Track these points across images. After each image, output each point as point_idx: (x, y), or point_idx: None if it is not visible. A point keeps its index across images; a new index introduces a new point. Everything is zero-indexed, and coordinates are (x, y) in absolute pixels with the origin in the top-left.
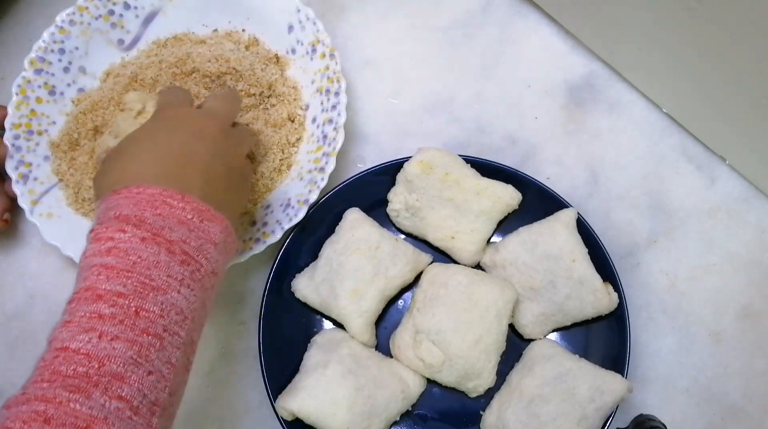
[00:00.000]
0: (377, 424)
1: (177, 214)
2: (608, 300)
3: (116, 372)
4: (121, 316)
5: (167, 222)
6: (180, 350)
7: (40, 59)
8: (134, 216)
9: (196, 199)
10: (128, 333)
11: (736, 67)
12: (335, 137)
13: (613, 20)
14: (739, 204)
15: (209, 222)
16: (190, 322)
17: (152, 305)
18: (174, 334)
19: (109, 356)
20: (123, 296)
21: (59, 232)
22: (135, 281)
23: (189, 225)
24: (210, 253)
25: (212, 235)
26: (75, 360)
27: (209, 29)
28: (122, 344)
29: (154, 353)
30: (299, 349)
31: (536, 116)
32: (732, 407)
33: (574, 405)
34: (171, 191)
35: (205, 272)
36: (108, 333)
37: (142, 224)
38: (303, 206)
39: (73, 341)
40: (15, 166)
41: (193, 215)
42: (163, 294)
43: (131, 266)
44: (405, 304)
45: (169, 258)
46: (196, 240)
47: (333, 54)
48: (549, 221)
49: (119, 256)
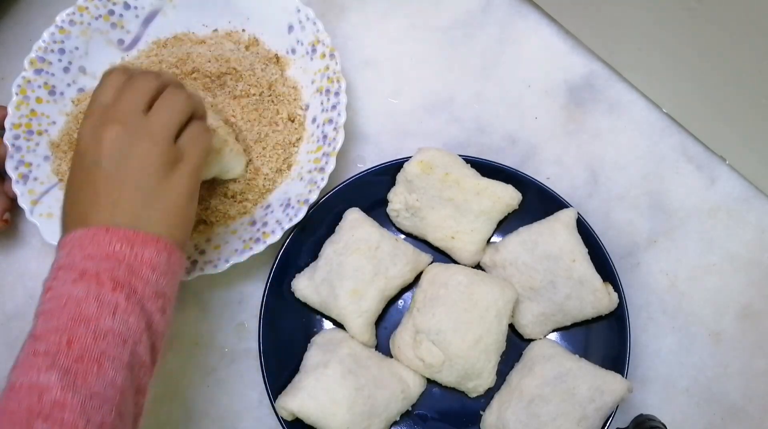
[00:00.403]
0: (377, 424)
1: (104, 248)
2: (608, 300)
3: (56, 399)
4: (53, 349)
5: (95, 259)
6: (124, 371)
7: (40, 59)
8: (66, 262)
9: (121, 228)
10: (61, 362)
11: (736, 67)
12: (335, 137)
13: (613, 20)
14: (739, 204)
15: (141, 247)
16: (133, 345)
17: (84, 333)
18: (114, 358)
19: (47, 386)
20: (54, 332)
21: (59, 232)
22: (66, 317)
23: (117, 256)
24: (145, 276)
25: (146, 258)
26: (19, 396)
27: (209, 29)
28: (57, 373)
29: (92, 377)
30: (299, 349)
31: (536, 116)
32: (732, 407)
33: (574, 405)
34: (95, 228)
35: (142, 295)
36: (43, 366)
37: (72, 267)
38: (303, 206)
39: (18, 379)
40: (15, 166)
41: (121, 244)
42: (95, 322)
43: (63, 306)
44: (405, 304)
45: (98, 289)
46: (128, 266)
47: (333, 54)
48: (549, 221)
49: (54, 300)
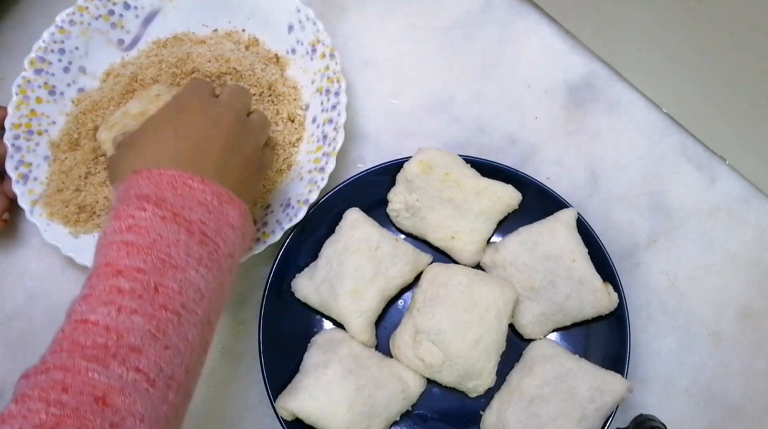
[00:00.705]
0: (377, 424)
1: (197, 195)
2: (608, 300)
3: (134, 345)
4: (140, 291)
5: (187, 202)
6: (197, 328)
7: (40, 59)
8: (155, 195)
9: (215, 183)
10: (147, 307)
11: (736, 67)
12: (335, 137)
13: (613, 20)
14: (739, 204)
15: (228, 205)
16: (208, 302)
17: (171, 282)
18: (191, 312)
19: (128, 329)
20: (143, 272)
21: (59, 232)
22: (155, 258)
23: (208, 206)
24: (228, 235)
25: (230, 218)
26: (94, 332)
27: (209, 29)
28: (141, 318)
29: (172, 329)
30: (299, 349)
31: (536, 116)
32: (732, 407)
33: (574, 405)
34: (190, 174)
35: (222, 253)
36: (127, 307)
37: (163, 203)
38: (303, 206)
39: (93, 314)
40: (15, 166)
41: (212, 197)
42: (182, 272)
43: (151, 244)
44: (405, 304)
45: (188, 238)
46: (215, 222)
47: (333, 54)
48: (549, 221)
49: (140, 233)
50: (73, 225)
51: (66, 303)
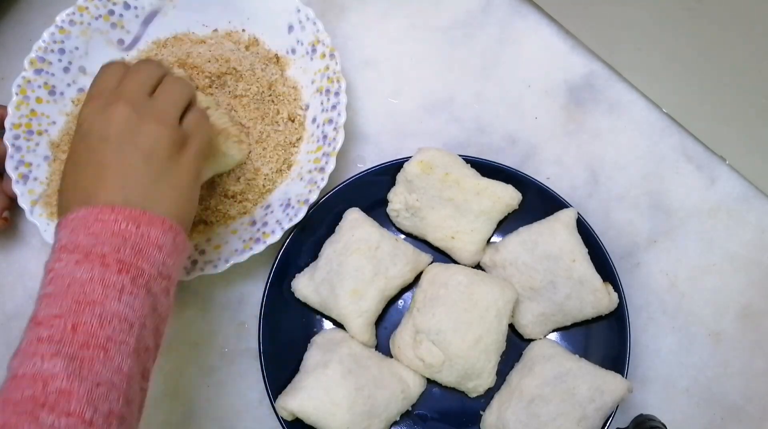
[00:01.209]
0: (377, 424)
1: (110, 226)
2: (608, 300)
3: (62, 388)
4: (57, 335)
5: (99, 238)
6: (131, 358)
7: (40, 59)
8: (69, 242)
9: (128, 207)
10: (66, 349)
11: (736, 67)
12: (335, 137)
13: (613, 20)
14: (739, 204)
15: (147, 226)
16: (138, 329)
17: (89, 318)
18: (121, 343)
19: (52, 375)
20: (58, 317)
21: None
22: (70, 301)
23: (124, 235)
24: (152, 257)
25: (152, 237)
26: (22, 385)
27: (209, 29)
28: (62, 360)
29: (99, 365)
30: (299, 349)
31: (536, 116)
32: (732, 407)
33: (574, 405)
34: (101, 207)
35: (148, 276)
36: (47, 353)
37: (76, 248)
38: (303, 206)
39: (20, 368)
40: (15, 166)
41: (127, 223)
42: (100, 306)
43: (66, 289)
44: (405, 304)
45: (103, 271)
46: (132, 246)
47: (333, 54)
48: (549, 221)
49: (57, 283)
50: None
51: None
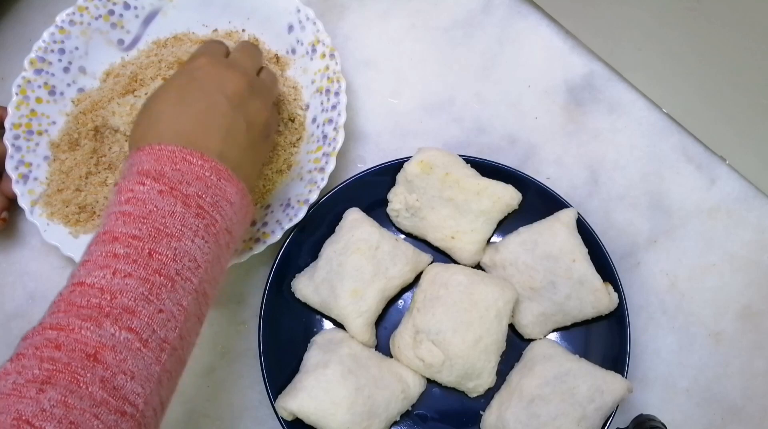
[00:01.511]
0: (377, 424)
1: (195, 170)
2: (608, 300)
3: (127, 305)
4: (134, 256)
5: (185, 177)
6: (192, 296)
7: (40, 59)
8: (154, 170)
9: (214, 158)
10: (140, 271)
11: (736, 67)
12: (335, 137)
13: (613, 20)
14: (739, 204)
15: (226, 181)
16: (203, 272)
17: (165, 249)
18: (186, 279)
19: (122, 290)
20: (138, 238)
21: (59, 232)
22: (150, 227)
23: (206, 181)
24: (225, 211)
25: (228, 194)
26: (89, 293)
27: (209, 29)
28: (134, 281)
29: (165, 293)
30: (299, 349)
31: (536, 116)
32: (732, 407)
33: (574, 405)
34: (190, 150)
35: (219, 228)
36: (121, 270)
37: (161, 178)
38: (303, 206)
39: (89, 277)
40: (15, 166)
41: (211, 173)
42: (176, 240)
43: (147, 214)
44: (405, 304)
45: (184, 210)
46: (212, 196)
47: (333, 54)
48: (549, 221)
49: (137, 205)
50: (73, 225)
51: None
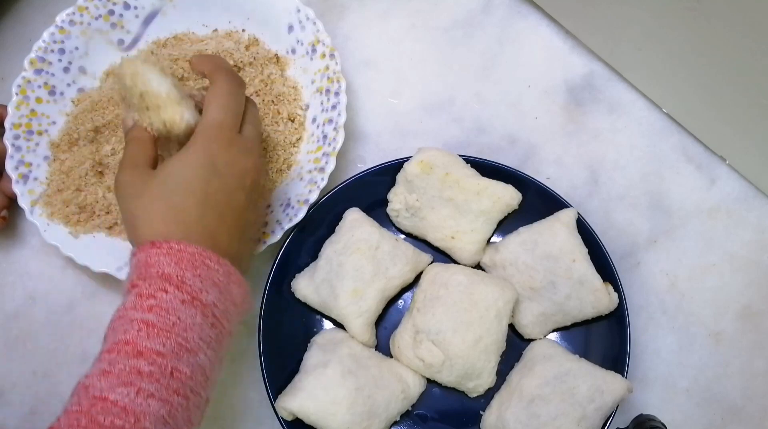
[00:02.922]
0: (377, 424)
1: (212, 276)
2: (608, 300)
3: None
4: (158, 374)
5: (204, 284)
6: (199, 409)
7: (40, 59)
8: (176, 276)
9: (227, 262)
10: (163, 392)
11: (736, 67)
12: (335, 137)
13: (613, 20)
14: (739, 204)
15: (235, 285)
16: (210, 384)
17: (185, 367)
18: (197, 395)
19: (145, 413)
20: (162, 355)
21: (59, 232)
22: (173, 342)
23: (220, 287)
24: (232, 316)
25: (236, 297)
26: (113, 412)
27: (209, 29)
28: (157, 403)
29: (181, 412)
30: (299, 349)
31: (536, 116)
32: (732, 407)
33: (574, 405)
34: (210, 252)
35: (226, 333)
36: (145, 390)
37: (183, 285)
38: (303, 206)
39: (112, 393)
40: (15, 166)
41: (225, 278)
42: (194, 356)
43: (171, 327)
44: (405, 304)
45: (202, 321)
46: (223, 303)
47: (333, 54)
48: (549, 221)
49: (160, 315)
50: (73, 225)
51: (66, 303)
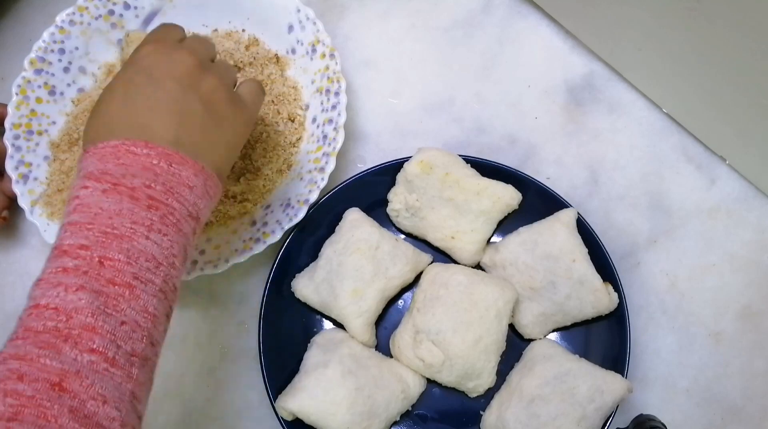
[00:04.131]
0: (377, 424)
1: (141, 160)
2: (608, 300)
3: (86, 323)
4: (84, 267)
5: (129, 170)
6: (156, 298)
7: (40, 59)
8: (97, 170)
9: (162, 145)
10: (93, 283)
11: (736, 67)
12: (335, 137)
13: (613, 20)
14: (739, 204)
15: (179, 166)
16: (166, 268)
17: (117, 253)
18: (147, 282)
19: (77, 308)
20: (85, 248)
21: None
22: (97, 232)
23: (155, 169)
24: (184, 196)
25: (184, 178)
26: (45, 315)
27: (209, 29)
28: (88, 294)
29: (125, 303)
30: (299, 349)
31: (536, 116)
32: (732, 407)
33: (574, 405)
34: (134, 140)
35: (179, 216)
36: (72, 285)
37: (104, 176)
38: (303, 206)
39: (43, 297)
40: (15, 166)
41: (159, 160)
42: (128, 241)
43: (92, 218)
44: (405, 304)
45: (132, 205)
46: (165, 184)
47: (333, 54)
48: (549, 221)
49: (82, 211)
50: None
51: None
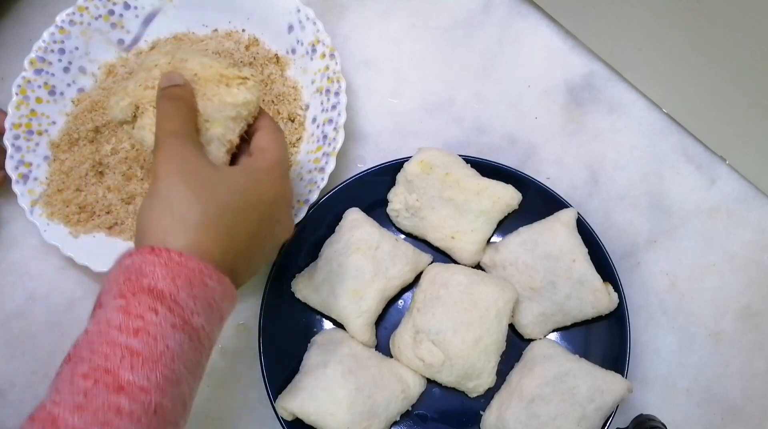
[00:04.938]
0: (377, 424)
1: (209, 296)
2: (608, 300)
3: None
4: (139, 413)
5: (198, 306)
6: None
7: (40, 59)
8: (169, 294)
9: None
10: None
11: (736, 67)
12: (335, 137)
13: (613, 20)
14: (739, 204)
15: (228, 302)
16: (187, 413)
17: (169, 401)
18: (174, 425)
19: None
20: (145, 391)
21: (59, 232)
22: (159, 374)
23: (212, 306)
24: (215, 335)
25: (224, 313)
26: None
27: (209, 29)
28: None
29: None
30: (299, 349)
31: (536, 116)
32: (732, 407)
33: (574, 405)
34: (211, 269)
35: (207, 355)
36: None
37: (175, 307)
38: (303, 206)
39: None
40: (15, 166)
41: (220, 297)
42: (177, 387)
43: (158, 357)
44: (405, 304)
45: (189, 346)
46: (211, 324)
47: (333, 54)
48: (549, 221)
49: (148, 342)
50: (73, 225)
51: (66, 303)
